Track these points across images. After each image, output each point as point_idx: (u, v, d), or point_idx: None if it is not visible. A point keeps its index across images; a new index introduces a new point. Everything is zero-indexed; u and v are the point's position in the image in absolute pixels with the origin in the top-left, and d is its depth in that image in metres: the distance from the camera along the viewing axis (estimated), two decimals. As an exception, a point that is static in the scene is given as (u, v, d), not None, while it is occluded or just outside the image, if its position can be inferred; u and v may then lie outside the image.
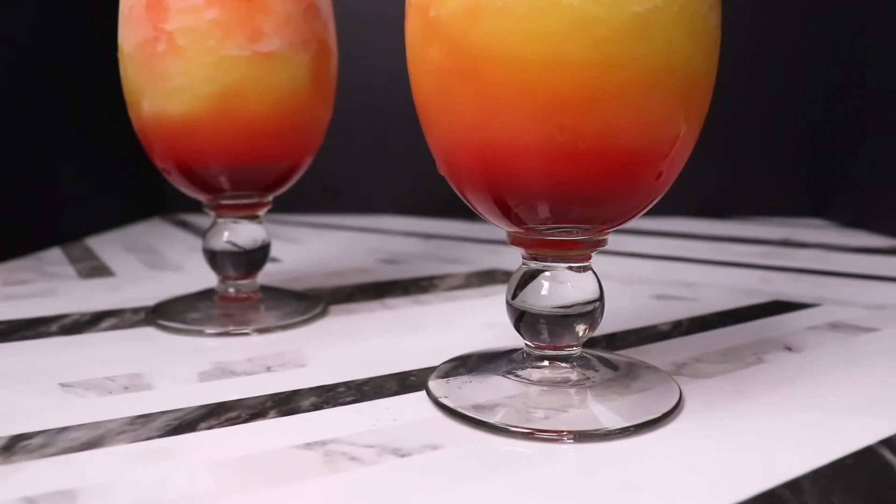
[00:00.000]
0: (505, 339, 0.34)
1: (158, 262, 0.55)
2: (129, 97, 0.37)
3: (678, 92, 0.23)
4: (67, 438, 0.24)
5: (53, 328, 0.37)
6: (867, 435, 0.24)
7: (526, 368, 0.28)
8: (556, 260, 0.26)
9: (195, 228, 0.73)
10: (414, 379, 0.29)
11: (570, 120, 0.22)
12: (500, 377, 0.28)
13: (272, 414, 0.26)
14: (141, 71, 0.35)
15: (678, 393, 0.27)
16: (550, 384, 0.27)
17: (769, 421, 0.25)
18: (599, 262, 0.32)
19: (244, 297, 0.40)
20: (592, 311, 0.26)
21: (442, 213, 0.78)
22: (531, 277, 0.27)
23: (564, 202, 0.24)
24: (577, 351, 0.28)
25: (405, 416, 0.26)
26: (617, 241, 0.62)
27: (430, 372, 0.30)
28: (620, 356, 0.31)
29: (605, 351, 0.32)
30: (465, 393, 0.27)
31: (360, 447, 0.23)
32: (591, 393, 0.26)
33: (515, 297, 0.27)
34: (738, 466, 0.22)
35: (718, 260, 0.55)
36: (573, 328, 0.26)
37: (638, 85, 0.22)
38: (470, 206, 0.27)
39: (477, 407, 0.25)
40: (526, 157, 0.23)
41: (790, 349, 0.33)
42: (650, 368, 0.29)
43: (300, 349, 0.34)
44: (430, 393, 0.27)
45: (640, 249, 0.59)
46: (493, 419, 0.24)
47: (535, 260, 0.27)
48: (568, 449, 0.23)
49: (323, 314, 0.39)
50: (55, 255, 0.58)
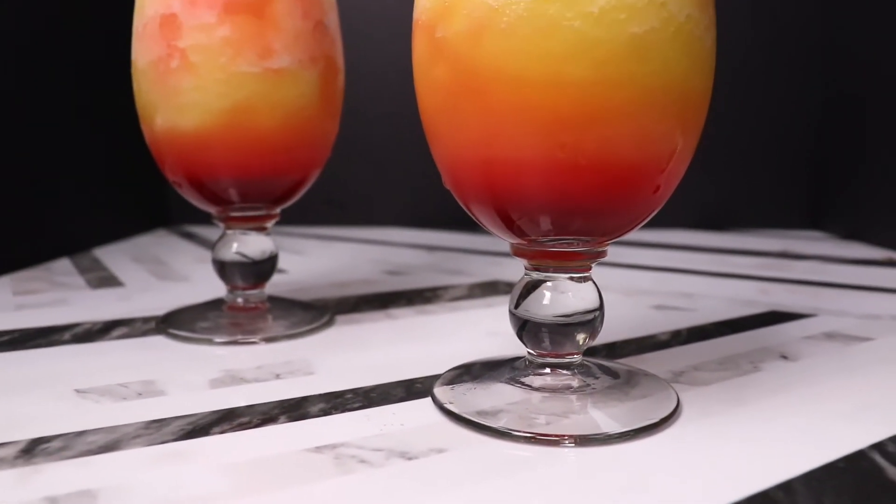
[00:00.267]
0: (507, 347, 0.35)
1: (166, 272, 0.56)
2: (142, 112, 0.38)
3: (675, 109, 0.24)
4: (85, 442, 0.25)
5: (66, 336, 0.38)
6: (859, 439, 0.25)
7: (528, 376, 0.29)
8: (557, 270, 0.27)
9: (200, 240, 0.74)
10: (419, 386, 0.30)
11: (570, 137, 0.23)
12: (503, 384, 0.29)
13: (282, 419, 0.27)
14: (154, 86, 0.36)
15: (676, 399, 0.27)
16: (552, 391, 0.28)
17: (764, 426, 0.26)
18: (600, 273, 0.33)
19: (252, 306, 0.41)
20: (593, 319, 0.27)
21: (445, 225, 0.79)
22: (533, 287, 0.28)
23: (565, 215, 0.25)
24: (577, 359, 0.29)
25: (412, 421, 0.27)
26: (618, 252, 0.63)
27: (434, 379, 0.30)
28: (620, 364, 0.32)
29: (605, 359, 0.33)
30: (469, 399, 0.28)
31: (368, 450, 0.24)
32: (591, 399, 0.27)
33: (518, 306, 0.28)
34: (732, 469, 0.23)
35: (717, 271, 0.55)
36: (574, 336, 0.27)
37: (636, 103, 0.23)
38: (474, 218, 0.28)
39: (481, 413, 0.26)
40: (528, 171, 0.24)
41: (786, 358, 0.34)
42: (649, 376, 0.30)
43: (308, 357, 0.34)
44: (435, 399, 0.28)
45: (640, 261, 0.60)
46: (496, 424, 0.25)
47: (537, 270, 0.28)
48: (569, 452, 0.24)
49: (329, 324, 0.40)
50: (64, 265, 0.59)
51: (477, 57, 0.24)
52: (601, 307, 0.28)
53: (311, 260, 0.62)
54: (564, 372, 0.28)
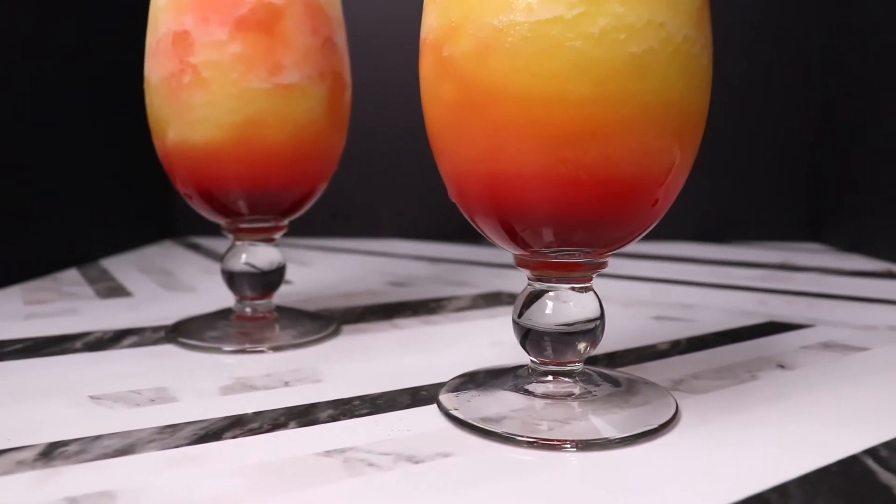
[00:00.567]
0: (511, 356, 0.35)
1: (173, 283, 0.57)
2: (154, 126, 0.39)
3: (673, 126, 0.25)
4: (101, 446, 0.26)
5: (78, 345, 0.39)
6: (852, 445, 0.25)
7: (531, 383, 0.29)
8: (559, 281, 0.28)
9: (206, 251, 0.75)
10: (425, 393, 0.31)
11: (572, 152, 0.24)
12: (506, 391, 0.29)
13: (292, 425, 0.28)
14: (166, 101, 0.37)
15: (675, 407, 0.28)
16: (554, 398, 0.28)
17: (760, 432, 0.27)
18: (602, 284, 0.34)
19: (260, 316, 0.42)
20: (594, 328, 0.28)
21: (448, 237, 0.80)
22: (536, 297, 0.28)
23: (567, 227, 0.26)
24: (579, 367, 0.29)
25: (418, 426, 0.27)
26: (619, 264, 0.64)
27: (440, 387, 0.31)
28: (621, 373, 0.33)
29: (606, 368, 0.33)
30: (473, 406, 0.28)
31: (376, 454, 0.25)
32: (592, 406, 0.28)
33: (521, 315, 0.29)
34: (729, 472, 0.23)
35: (717, 283, 0.56)
36: (575, 345, 0.28)
37: (635, 120, 0.24)
38: (479, 230, 0.29)
39: (485, 419, 0.27)
40: (531, 185, 0.25)
41: (783, 367, 0.35)
42: (649, 384, 0.31)
43: (315, 366, 0.35)
44: (440, 406, 0.29)
45: (640, 273, 0.61)
46: (500, 429, 0.26)
47: (539, 281, 0.29)
48: (570, 457, 0.25)
49: (336, 333, 0.41)
50: (72, 275, 0.60)
51: (482, 75, 0.25)
52: (602, 316, 0.28)
53: (316, 271, 0.63)
54: (566, 379, 0.29)
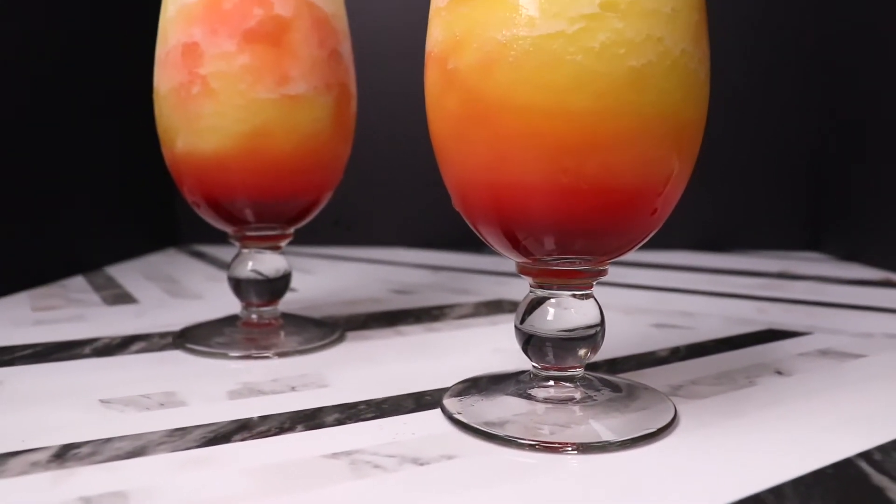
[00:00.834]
0: (513, 362, 0.36)
1: (178, 290, 0.58)
2: (163, 135, 0.39)
3: (670, 137, 0.26)
4: (113, 448, 0.26)
5: (87, 350, 0.40)
6: (847, 448, 0.26)
7: (533, 388, 0.30)
8: (560, 288, 0.29)
9: (210, 258, 0.75)
10: (429, 398, 0.32)
11: (573, 162, 0.25)
12: (508, 396, 0.30)
13: (299, 428, 0.28)
14: (175, 111, 0.38)
15: (673, 411, 0.29)
16: (556, 402, 0.29)
17: (757, 436, 0.27)
18: (603, 293, 0.35)
19: (266, 322, 0.42)
20: (594, 334, 0.29)
21: (450, 246, 0.81)
22: (538, 304, 0.29)
23: (568, 235, 0.27)
24: (580, 372, 0.30)
25: (422, 430, 0.28)
26: (620, 273, 0.65)
27: (443, 392, 0.32)
28: (621, 378, 0.33)
29: (606, 374, 0.34)
30: (476, 410, 0.29)
31: (382, 457, 0.25)
32: (593, 410, 0.29)
33: (524, 321, 0.29)
34: (725, 474, 0.24)
35: (716, 291, 0.57)
36: (576, 350, 0.29)
37: (634, 131, 0.25)
38: (482, 238, 0.29)
39: (488, 423, 0.28)
40: (533, 195, 0.26)
41: (780, 373, 0.35)
42: (648, 389, 0.32)
43: (321, 371, 0.36)
44: (444, 410, 0.29)
45: (641, 281, 0.61)
46: (503, 433, 0.27)
47: (541, 288, 0.29)
48: (571, 459, 0.25)
49: (340, 340, 0.42)
50: (78, 282, 0.61)
51: (486, 88, 0.25)
52: (602, 323, 0.29)
53: (320, 279, 0.63)
54: (567, 384, 0.30)
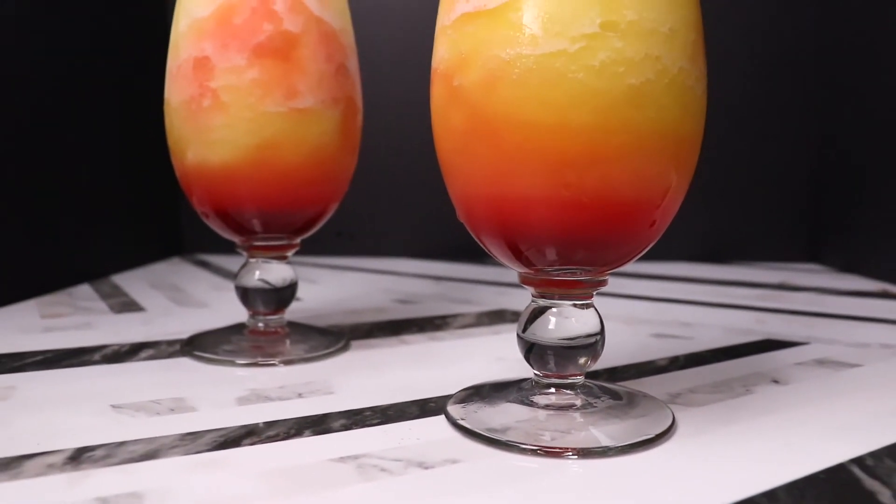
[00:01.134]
0: (515, 371, 0.37)
1: (184, 298, 0.59)
2: (173, 147, 0.40)
3: (668, 152, 0.27)
4: (126, 451, 0.27)
5: (96, 357, 0.40)
6: (840, 454, 0.27)
7: (534, 395, 0.31)
8: (562, 298, 0.30)
9: (214, 268, 0.76)
10: (433, 405, 0.32)
11: (574, 176, 0.26)
12: (511, 403, 0.31)
13: (307, 433, 0.29)
14: (186, 123, 0.39)
15: (671, 418, 0.30)
16: (557, 409, 0.30)
17: (752, 443, 0.28)
18: (603, 303, 0.36)
19: (272, 331, 0.43)
20: (594, 343, 0.30)
21: (452, 256, 0.81)
22: (540, 313, 0.30)
23: (569, 247, 0.28)
24: (580, 379, 0.31)
25: (427, 435, 0.29)
26: (619, 284, 0.65)
27: (447, 399, 0.33)
28: (621, 386, 0.34)
29: (607, 382, 0.35)
30: (479, 417, 0.30)
31: (388, 461, 0.26)
32: (593, 417, 0.29)
33: (525, 330, 0.30)
34: (721, 478, 0.25)
35: (715, 302, 0.58)
36: (577, 358, 0.29)
37: (633, 147, 0.26)
38: (486, 249, 0.30)
39: (491, 429, 0.28)
40: (536, 208, 0.27)
41: (777, 382, 0.36)
42: (647, 397, 0.32)
43: (327, 378, 0.37)
44: (448, 416, 0.30)
45: (641, 292, 0.62)
46: (505, 438, 0.27)
47: (543, 297, 0.30)
48: (572, 464, 0.26)
49: (345, 348, 0.42)
50: (85, 291, 0.62)
51: (490, 104, 0.26)
52: (602, 331, 0.30)
53: (324, 288, 0.64)
54: (568, 392, 0.31)
